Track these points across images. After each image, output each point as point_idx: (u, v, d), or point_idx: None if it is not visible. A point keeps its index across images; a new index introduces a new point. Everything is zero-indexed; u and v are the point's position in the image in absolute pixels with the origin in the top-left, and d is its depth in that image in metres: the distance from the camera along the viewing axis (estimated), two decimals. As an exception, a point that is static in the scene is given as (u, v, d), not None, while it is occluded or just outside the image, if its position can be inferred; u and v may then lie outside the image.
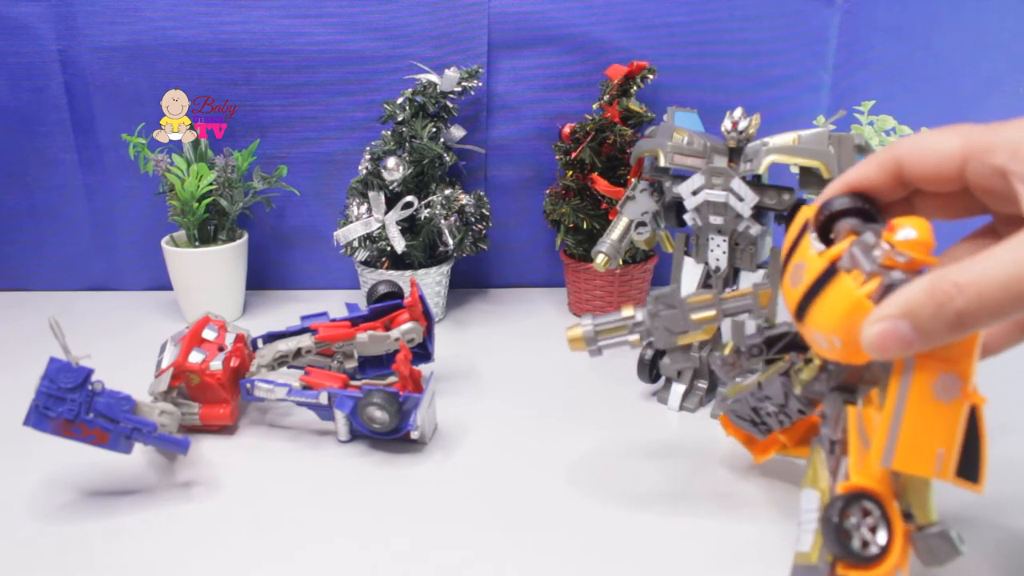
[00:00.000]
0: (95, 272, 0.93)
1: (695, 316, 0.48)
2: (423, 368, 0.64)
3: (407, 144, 0.80)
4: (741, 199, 0.56)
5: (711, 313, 0.48)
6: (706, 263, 0.62)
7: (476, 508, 0.52)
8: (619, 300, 0.83)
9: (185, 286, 0.84)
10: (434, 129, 0.80)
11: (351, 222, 0.80)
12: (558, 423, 0.62)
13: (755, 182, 0.58)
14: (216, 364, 0.60)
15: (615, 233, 0.65)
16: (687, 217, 0.61)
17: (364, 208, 0.80)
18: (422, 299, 0.65)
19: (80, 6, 0.82)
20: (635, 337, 0.49)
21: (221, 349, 0.62)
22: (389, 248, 0.80)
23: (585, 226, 0.81)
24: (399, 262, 0.82)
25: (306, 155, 0.88)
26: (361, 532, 0.49)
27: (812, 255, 0.38)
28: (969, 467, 0.35)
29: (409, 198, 0.79)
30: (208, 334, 0.63)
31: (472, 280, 0.94)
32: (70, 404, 0.50)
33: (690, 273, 0.63)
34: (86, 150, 0.88)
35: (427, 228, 0.80)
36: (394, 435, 0.57)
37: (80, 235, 0.91)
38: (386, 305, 0.66)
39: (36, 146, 0.88)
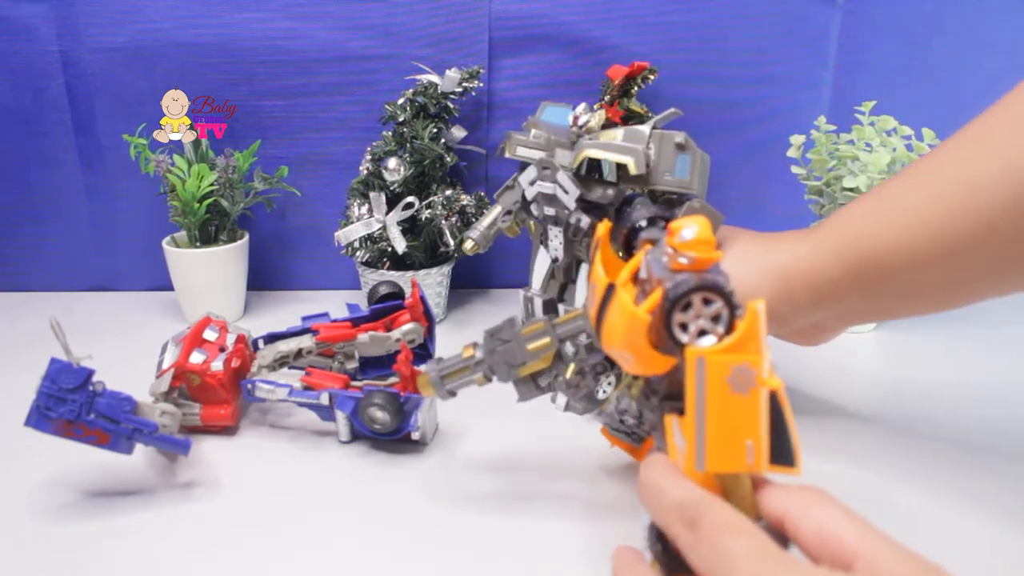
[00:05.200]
0: (96, 272, 0.93)
1: (530, 346, 0.48)
2: (424, 369, 0.64)
3: (408, 145, 0.80)
4: (566, 192, 0.57)
5: (546, 340, 0.48)
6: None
7: (477, 508, 0.52)
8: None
9: (186, 286, 0.84)
10: (435, 130, 0.80)
11: (352, 223, 0.80)
12: (559, 423, 0.62)
13: (587, 175, 0.59)
14: (217, 365, 0.60)
15: (486, 221, 0.66)
16: (533, 207, 0.62)
17: (365, 209, 0.80)
18: (423, 299, 0.65)
19: (81, 6, 0.82)
20: (479, 376, 0.50)
21: (222, 350, 0.62)
22: (390, 249, 0.80)
23: (586, 226, 0.81)
24: (400, 263, 0.82)
25: (307, 156, 0.88)
26: (362, 532, 0.49)
27: (599, 274, 0.39)
28: (782, 452, 0.34)
29: (410, 199, 0.79)
30: (209, 335, 0.63)
31: (473, 281, 0.94)
32: (71, 405, 0.50)
33: (541, 262, 0.64)
34: (87, 150, 0.88)
35: (428, 229, 0.80)
36: (395, 436, 0.57)
37: (81, 236, 0.92)
38: (387, 306, 0.66)
39: (37, 146, 0.88)
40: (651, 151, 0.55)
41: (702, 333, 0.35)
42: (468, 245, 0.66)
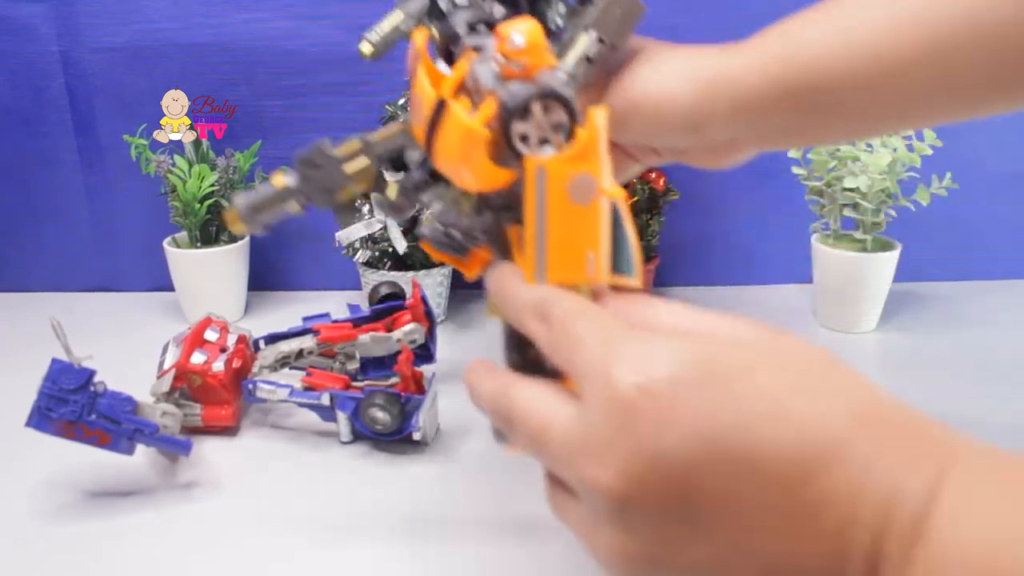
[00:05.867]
0: (96, 273, 0.93)
1: (348, 168, 0.45)
2: (425, 369, 0.64)
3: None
4: None
5: (364, 161, 0.45)
6: None
7: (478, 509, 0.52)
8: (620, 301, 0.82)
9: (187, 287, 0.84)
10: (435, 130, 0.80)
11: (353, 223, 0.80)
12: (560, 424, 0.62)
13: None
14: (218, 365, 0.60)
15: (386, 25, 0.59)
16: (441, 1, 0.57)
17: (366, 209, 0.80)
18: (424, 300, 0.65)
19: (81, 7, 0.82)
20: (294, 205, 0.46)
21: (223, 350, 0.62)
22: (391, 249, 0.80)
23: (586, 227, 0.81)
24: (401, 263, 0.82)
25: (307, 156, 0.88)
26: (363, 533, 0.49)
27: (426, 87, 0.37)
28: (622, 263, 0.33)
29: (410, 199, 0.79)
30: (210, 335, 0.63)
31: (474, 281, 0.94)
32: (72, 405, 0.50)
33: None
34: (87, 151, 0.88)
35: (428, 229, 0.80)
36: (396, 436, 0.57)
37: (81, 236, 0.91)
38: (388, 306, 0.66)
39: (37, 146, 0.88)
40: None
41: (543, 143, 0.34)
42: (365, 48, 0.60)
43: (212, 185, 0.79)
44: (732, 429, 0.26)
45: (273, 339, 0.65)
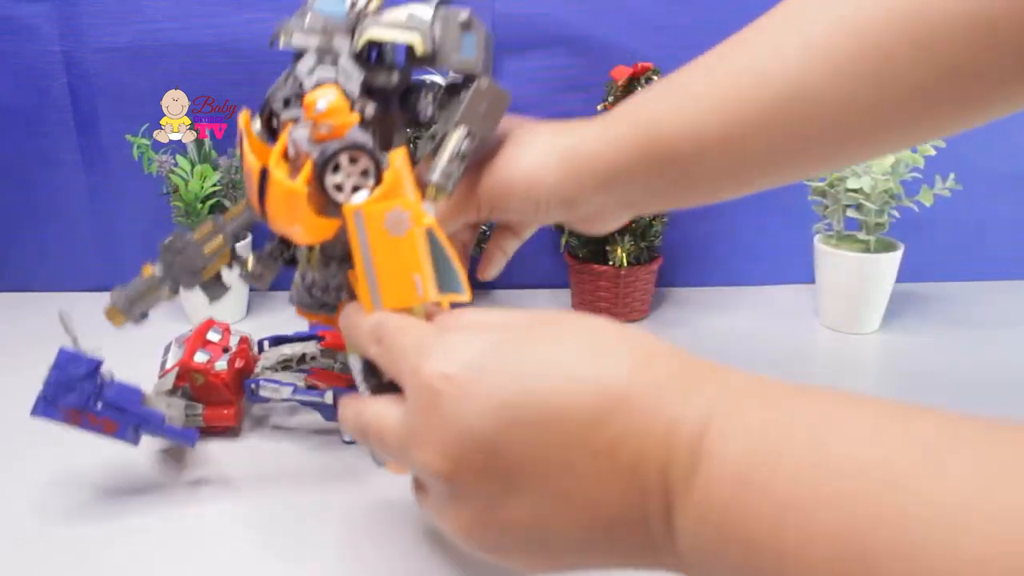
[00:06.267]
0: (98, 273, 0.93)
1: (207, 249, 0.49)
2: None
3: (411, 144, 0.80)
4: (349, 78, 0.51)
5: (219, 240, 0.49)
6: None
7: (483, 509, 0.52)
8: (624, 301, 0.82)
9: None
10: (438, 130, 0.80)
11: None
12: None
13: (373, 63, 0.53)
14: (221, 364, 0.60)
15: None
16: None
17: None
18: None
19: (83, 6, 0.82)
20: (166, 291, 0.50)
21: (226, 350, 0.62)
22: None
23: (589, 227, 0.81)
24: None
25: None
26: (367, 532, 0.49)
27: (250, 160, 0.40)
28: (449, 282, 0.38)
29: (413, 199, 0.79)
30: (212, 336, 0.63)
31: (474, 282, 0.94)
32: (79, 393, 0.50)
33: None
34: (88, 151, 0.88)
35: (431, 229, 0.80)
36: (400, 436, 0.57)
37: (82, 236, 0.91)
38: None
39: (38, 146, 0.88)
40: (436, 31, 0.52)
41: (356, 190, 0.38)
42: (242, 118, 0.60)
43: (214, 185, 0.79)
44: (523, 397, 0.29)
45: (277, 342, 0.65)
